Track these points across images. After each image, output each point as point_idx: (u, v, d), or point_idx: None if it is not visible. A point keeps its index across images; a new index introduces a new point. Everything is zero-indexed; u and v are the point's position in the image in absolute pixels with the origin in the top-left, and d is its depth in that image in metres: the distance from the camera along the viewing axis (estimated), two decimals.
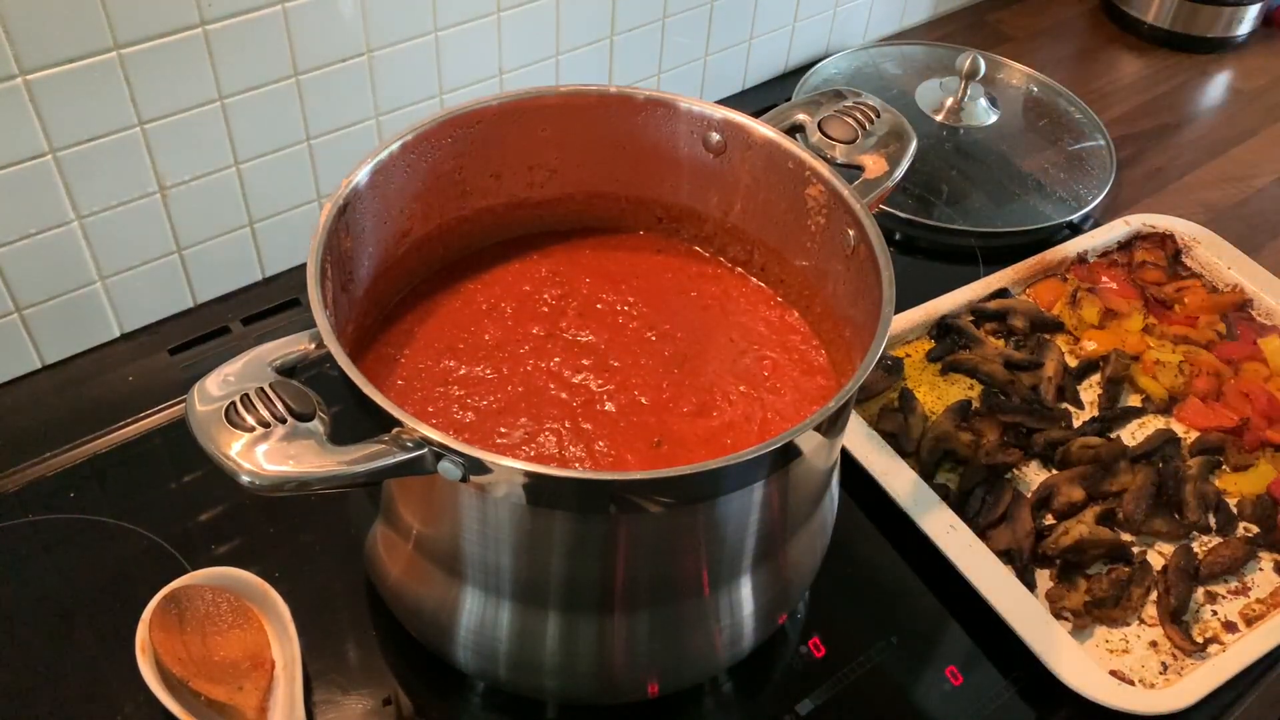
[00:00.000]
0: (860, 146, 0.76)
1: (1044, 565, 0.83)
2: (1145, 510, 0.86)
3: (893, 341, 0.98)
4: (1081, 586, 0.81)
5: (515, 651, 0.65)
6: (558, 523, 0.58)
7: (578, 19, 1.05)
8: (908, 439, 0.90)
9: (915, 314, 1.00)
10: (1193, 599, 0.82)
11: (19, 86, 0.77)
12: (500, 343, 0.75)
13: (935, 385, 0.96)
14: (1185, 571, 0.82)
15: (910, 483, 0.85)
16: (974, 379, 0.96)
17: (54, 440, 0.86)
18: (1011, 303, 1.02)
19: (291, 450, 0.54)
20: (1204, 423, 0.94)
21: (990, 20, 1.46)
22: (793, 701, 0.75)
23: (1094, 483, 0.87)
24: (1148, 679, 0.77)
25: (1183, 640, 0.79)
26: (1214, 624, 0.81)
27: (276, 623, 0.73)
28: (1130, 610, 0.80)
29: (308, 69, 0.90)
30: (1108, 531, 0.84)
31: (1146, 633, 0.80)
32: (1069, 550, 0.82)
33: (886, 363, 0.96)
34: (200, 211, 0.92)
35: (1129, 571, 0.82)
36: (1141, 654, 0.79)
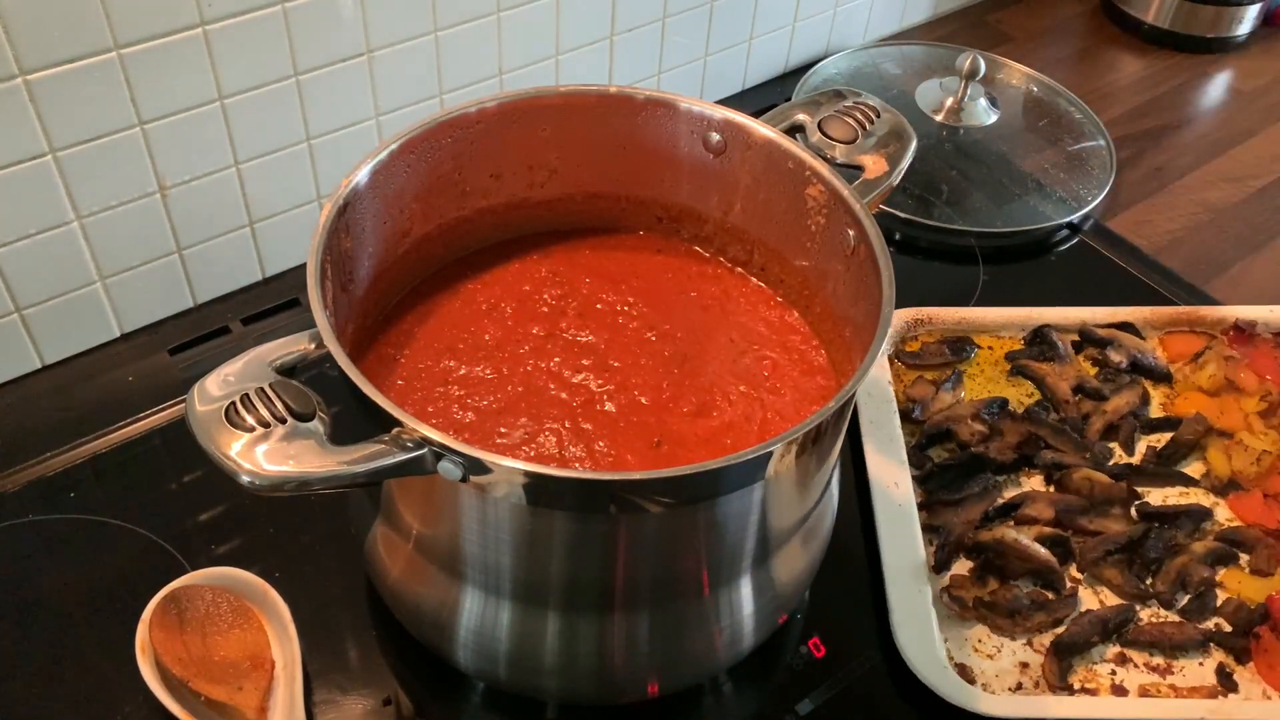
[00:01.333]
0: (860, 146, 0.76)
1: (970, 557, 0.82)
2: (1103, 556, 0.82)
3: (981, 329, 0.99)
4: (989, 586, 0.80)
5: (515, 651, 0.65)
6: (558, 523, 0.58)
7: (578, 19, 1.05)
8: (925, 409, 0.90)
9: (1015, 314, 0.99)
10: (1097, 649, 0.78)
11: (19, 86, 0.77)
12: (500, 343, 0.75)
13: (994, 382, 0.96)
14: (1103, 624, 0.78)
15: (885, 430, 0.87)
16: (1037, 389, 0.95)
17: (54, 440, 0.86)
18: (1121, 337, 0.98)
19: (291, 450, 0.54)
20: (1253, 517, 0.87)
21: (990, 20, 1.46)
22: (793, 701, 0.75)
23: (1073, 514, 0.85)
24: (992, 686, 0.75)
25: (1054, 674, 0.76)
26: (1103, 679, 0.77)
27: (276, 623, 0.73)
28: (1021, 628, 0.78)
29: (308, 69, 0.90)
30: (1040, 551, 0.81)
31: (1026, 653, 0.78)
32: (988, 548, 0.81)
33: (959, 344, 0.97)
34: (200, 211, 0.92)
35: (1050, 599, 0.80)
36: (1006, 665, 0.77)
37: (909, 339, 0.98)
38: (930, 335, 0.98)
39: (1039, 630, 0.78)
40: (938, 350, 0.97)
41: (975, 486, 0.86)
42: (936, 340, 0.98)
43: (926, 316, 0.98)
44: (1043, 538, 0.82)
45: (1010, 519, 0.85)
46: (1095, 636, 0.78)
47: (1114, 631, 0.79)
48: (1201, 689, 0.76)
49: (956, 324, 0.99)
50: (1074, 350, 0.97)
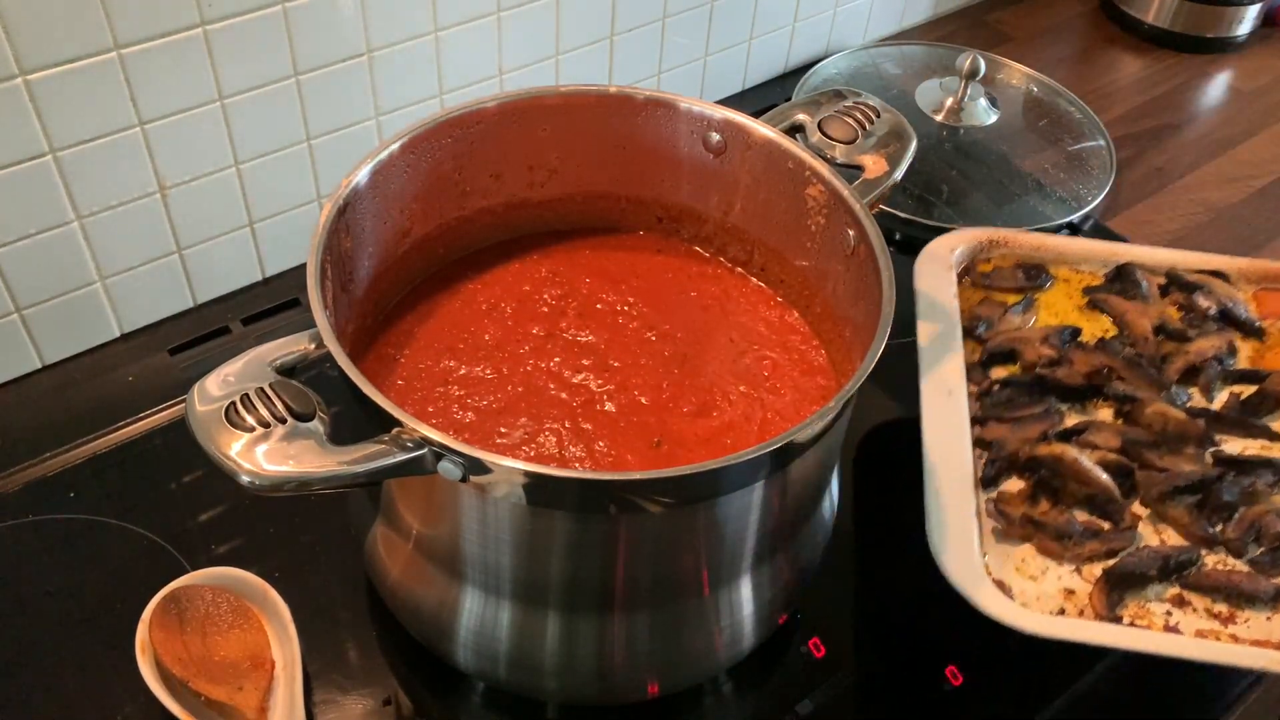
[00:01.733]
0: (860, 146, 0.76)
1: (1023, 475, 0.78)
2: (1170, 493, 0.76)
3: (1060, 260, 0.95)
4: (1041, 506, 0.75)
5: (515, 652, 0.65)
6: (558, 523, 0.58)
7: (578, 19, 1.05)
8: (990, 327, 0.86)
9: (1099, 247, 0.96)
10: (1153, 587, 0.73)
11: (19, 86, 0.77)
12: (500, 343, 0.75)
13: (1068, 314, 0.91)
14: (1165, 561, 0.73)
15: (945, 341, 0.83)
16: (1114, 325, 0.89)
17: (54, 440, 0.86)
18: (1213, 283, 0.92)
19: (291, 450, 0.54)
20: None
21: (990, 20, 1.46)
22: (793, 702, 0.75)
23: (1141, 447, 0.78)
24: (1031, 607, 0.72)
25: (1102, 604, 0.71)
26: (1156, 618, 0.72)
27: (276, 623, 0.73)
28: (1071, 553, 0.73)
29: (308, 69, 0.90)
30: (1102, 476, 0.75)
31: (1073, 580, 0.73)
32: (1043, 465, 0.76)
33: (1035, 271, 0.93)
34: (200, 211, 0.92)
35: (1105, 529, 0.74)
36: (1049, 589, 0.72)
37: (981, 259, 0.94)
38: (1005, 259, 0.94)
39: (1090, 559, 0.73)
40: (1011, 274, 0.92)
41: (1036, 408, 0.80)
42: (1011, 265, 0.94)
43: (1002, 239, 0.94)
44: (1106, 464, 0.77)
45: (1072, 443, 0.80)
46: (1153, 571, 0.72)
47: (1174, 571, 0.73)
48: (1268, 643, 0.71)
49: (1034, 250, 0.94)
50: (1159, 294, 0.92)
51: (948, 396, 0.79)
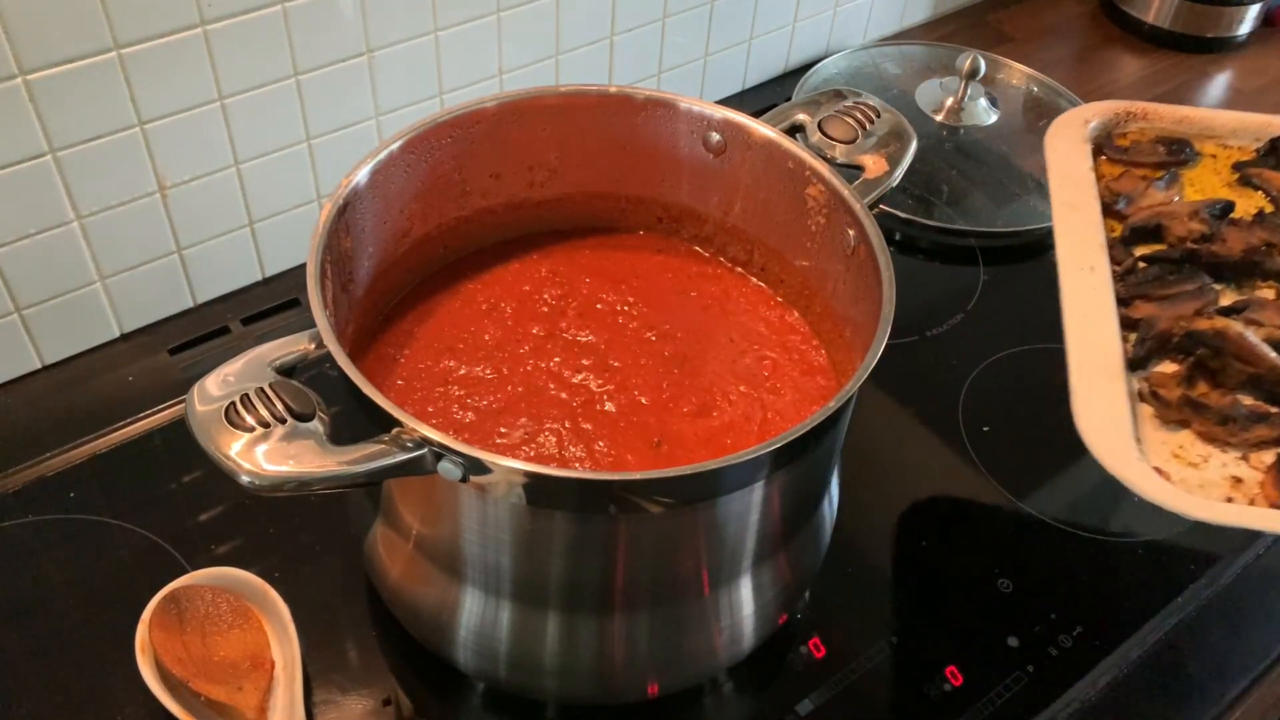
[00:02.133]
0: (860, 146, 0.76)
1: (1178, 356, 0.71)
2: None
3: (1206, 134, 0.88)
4: (1200, 389, 0.68)
5: (515, 652, 0.65)
6: (558, 523, 0.58)
7: (578, 19, 1.05)
8: (1132, 203, 0.79)
9: (1250, 119, 0.88)
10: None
11: (18, 86, 0.77)
12: (500, 343, 0.75)
13: (1216, 192, 0.83)
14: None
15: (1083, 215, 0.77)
16: (1270, 202, 0.81)
17: (54, 440, 0.86)
18: None
19: (291, 450, 0.54)
20: None
21: (990, 20, 1.46)
22: (793, 702, 0.75)
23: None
24: (1196, 495, 0.65)
25: (1277, 492, 0.64)
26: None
27: (276, 623, 0.73)
28: (1237, 440, 0.67)
29: (308, 69, 0.90)
30: (1270, 353, 0.68)
31: (1239, 468, 0.66)
32: (1203, 341, 0.68)
33: (1178, 145, 0.86)
34: (200, 211, 0.92)
35: (1274, 413, 0.67)
36: (1213, 477, 0.66)
37: (1118, 134, 0.88)
38: (1144, 133, 0.88)
39: (1259, 445, 0.67)
40: (1152, 149, 0.86)
41: (1189, 285, 0.73)
42: (1151, 139, 0.87)
43: (1140, 111, 0.88)
44: (1273, 342, 0.69)
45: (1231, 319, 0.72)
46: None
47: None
48: None
49: (1177, 124, 0.88)
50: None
51: (1090, 273, 0.74)
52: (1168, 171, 0.84)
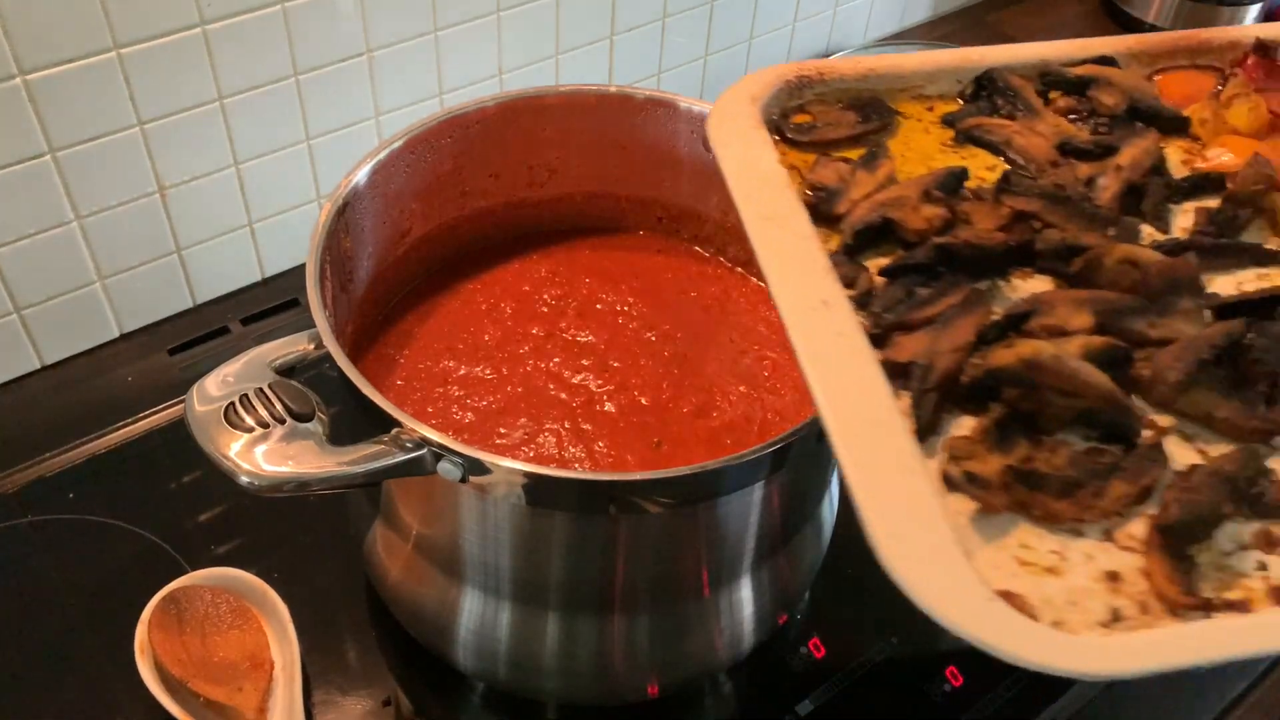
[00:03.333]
0: None
1: (973, 405, 0.50)
2: (1190, 374, 0.50)
3: (898, 86, 0.69)
4: (1019, 451, 0.49)
5: (515, 652, 0.65)
6: (557, 523, 0.58)
7: (578, 19, 1.05)
8: (840, 198, 0.60)
9: (945, 57, 0.70)
10: (1232, 532, 0.47)
11: (18, 86, 0.77)
12: (500, 343, 0.75)
13: (934, 159, 0.65)
14: (1228, 483, 0.48)
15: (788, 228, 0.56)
16: (1001, 158, 0.64)
17: (53, 441, 0.86)
18: (1109, 73, 0.68)
19: (290, 451, 0.54)
20: None
21: (990, 20, 1.46)
22: (793, 702, 0.75)
23: (1121, 317, 0.53)
24: (1070, 622, 0.44)
25: (1176, 583, 0.45)
26: (1255, 583, 0.46)
27: (276, 623, 0.73)
28: (1090, 509, 0.48)
29: (307, 69, 0.90)
30: (1096, 375, 0.49)
31: (1108, 556, 0.47)
32: (1005, 379, 0.49)
33: (870, 108, 0.67)
34: (200, 211, 0.92)
35: (1118, 458, 0.49)
36: (1082, 582, 0.46)
37: (793, 109, 0.66)
38: (826, 100, 0.67)
39: (1121, 511, 0.48)
40: (840, 119, 0.65)
41: (953, 296, 0.54)
42: (837, 107, 0.67)
43: (815, 71, 0.67)
44: (1093, 355, 0.51)
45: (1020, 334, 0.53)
46: (1227, 504, 0.47)
47: (1255, 499, 0.48)
48: None
49: (861, 79, 0.68)
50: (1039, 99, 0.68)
51: (825, 311, 0.52)
52: (869, 147, 0.64)
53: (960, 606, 0.44)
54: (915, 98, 0.69)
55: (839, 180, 0.61)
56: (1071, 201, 0.59)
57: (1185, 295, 0.54)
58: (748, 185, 0.58)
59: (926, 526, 0.45)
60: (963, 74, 0.69)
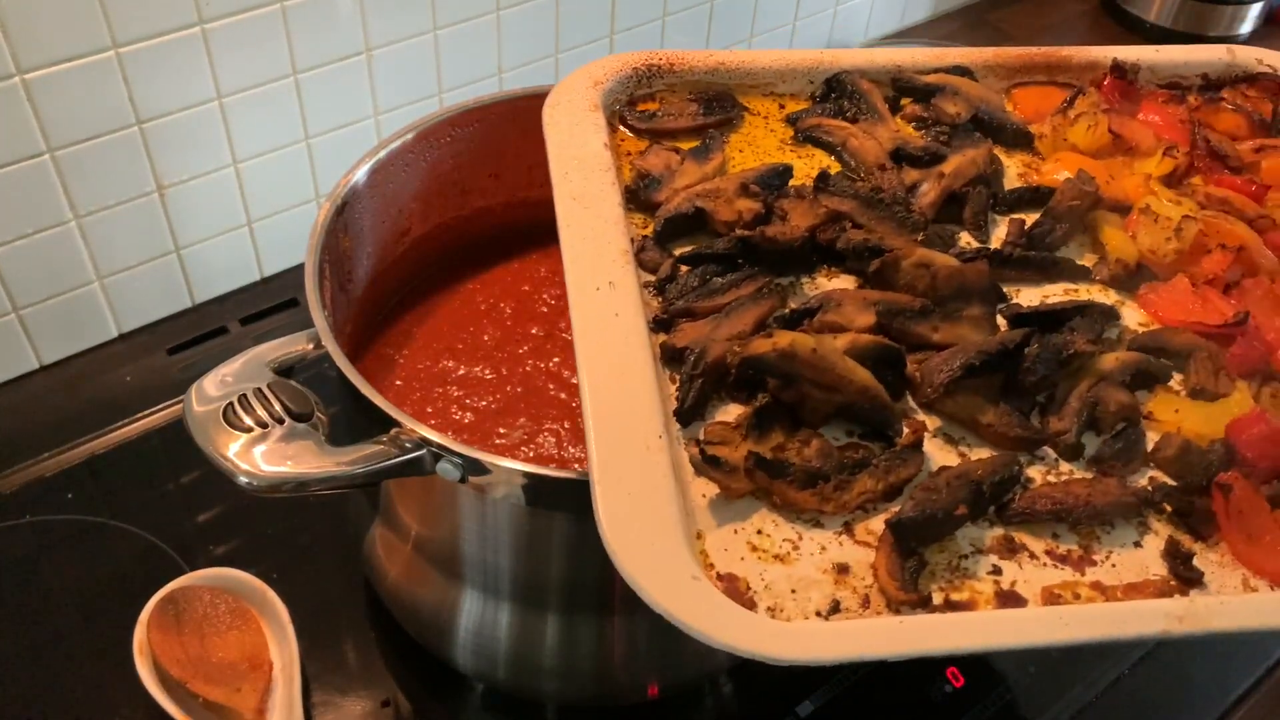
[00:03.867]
0: None
1: (740, 394, 0.52)
2: (960, 378, 0.51)
3: (749, 82, 0.70)
4: (773, 438, 0.50)
5: (514, 653, 0.65)
6: (557, 523, 0.58)
7: (577, 18, 1.04)
8: (663, 187, 0.61)
9: (797, 57, 0.70)
10: (967, 535, 0.49)
11: (16, 85, 0.77)
12: (499, 343, 0.75)
13: (772, 156, 0.66)
14: (972, 487, 0.48)
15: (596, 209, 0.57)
16: (838, 158, 0.66)
17: (52, 441, 0.86)
18: (957, 82, 0.69)
19: (289, 451, 0.54)
20: (1180, 315, 0.58)
21: (991, 19, 1.46)
22: (793, 703, 0.74)
23: (906, 318, 0.54)
24: (786, 609, 0.45)
25: (895, 579, 0.46)
26: (981, 585, 0.47)
27: (275, 624, 0.72)
28: (830, 502, 0.48)
29: (306, 68, 0.90)
30: (857, 370, 0.50)
31: (842, 548, 0.47)
32: (768, 368, 0.49)
33: (716, 102, 0.68)
34: (198, 211, 0.91)
35: (876, 454, 0.50)
36: (809, 572, 0.47)
37: (641, 95, 0.68)
38: (674, 90, 0.68)
39: (865, 506, 0.49)
40: (683, 109, 0.67)
41: (745, 288, 0.55)
42: (683, 98, 0.68)
43: (665, 61, 0.69)
44: (859, 352, 0.51)
45: (804, 328, 0.54)
46: (961, 507, 0.48)
47: (991, 499, 0.49)
48: (1146, 585, 0.48)
49: (712, 71, 0.69)
50: (889, 110, 0.69)
51: (609, 291, 0.53)
52: (706, 138, 0.65)
53: (661, 584, 0.43)
54: (767, 95, 0.70)
55: (665, 169, 0.62)
56: (885, 204, 0.60)
57: (976, 301, 0.55)
58: (565, 165, 0.60)
59: (651, 507, 0.45)
60: (815, 75, 0.70)
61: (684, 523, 0.46)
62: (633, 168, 0.63)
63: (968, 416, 0.52)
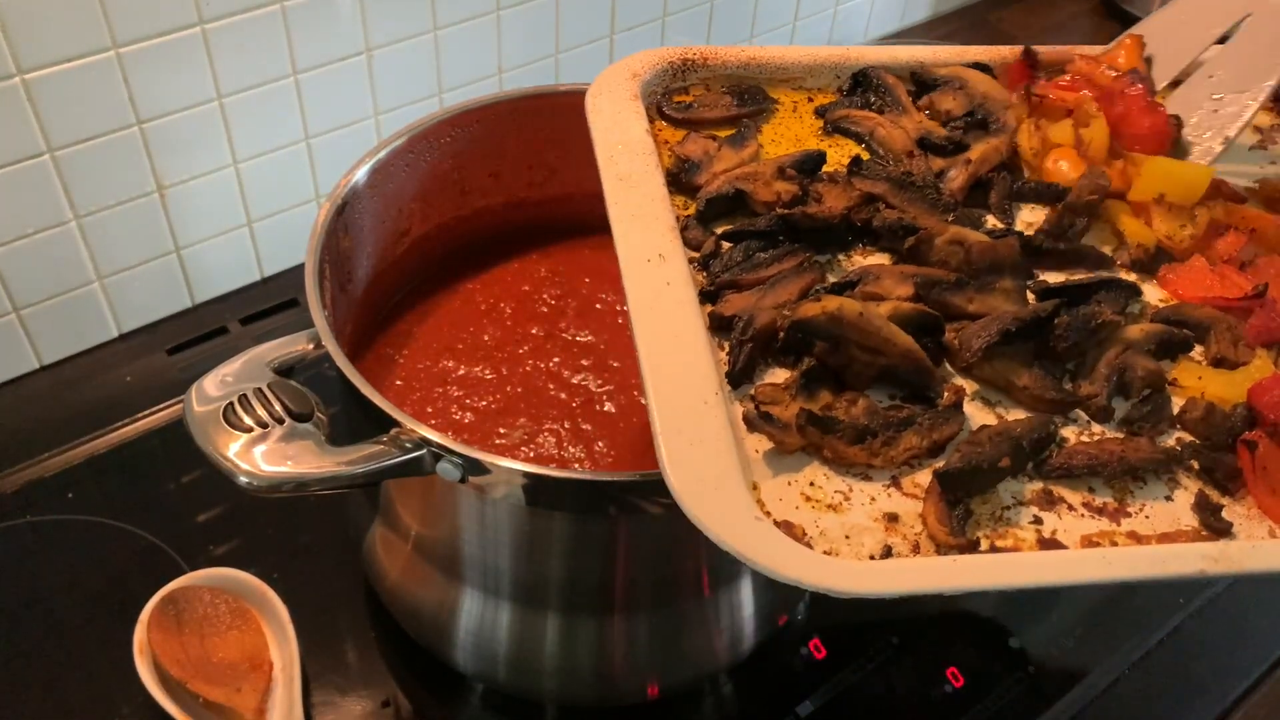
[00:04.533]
0: None
1: (787, 358, 0.55)
2: (997, 342, 0.55)
3: (779, 77, 0.73)
4: (821, 399, 0.52)
5: (514, 653, 0.65)
6: (557, 524, 0.58)
7: (577, 17, 1.04)
8: (703, 170, 0.64)
9: (827, 54, 0.74)
10: (1008, 488, 0.52)
11: (17, 85, 0.77)
12: (499, 343, 0.75)
13: (804, 145, 0.70)
14: (1013, 442, 0.52)
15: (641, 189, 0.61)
16: (865, 149, 0.69)
17: (52, 441, 0.86)
18: (967, 76, 0.72)
19: (290, 451, 0.54)
20: (1199, 291, 0.62)
21: (991, 19, 1.46)
22: (793, 703, 0.74)
23: (943, 290, 0.58)
24: (842, 553, 0.48)
25: (944, 525, 0.49)
26: (1024, 533, 0.50)
27: (275, 624, 0.72)
28: (882, 459, 0.51)
29: (306, 68, 0.90)
30: (900, 334, 0.53)
31: (891, 499, 0.51)
32: (816, 332, 0.52)
33: (750, 95, 0.71)
34: (198, 211, 0.91)
35: (919, 413, 0.53)
36: (861, 520, 0.50)
37: (677, 89, 0.71)
38: (709, 84, 0.72)
39: (910, 463, 0.52)
40: (718, 101, 0.70)
41: (788, 262, 0.59)
42: (718, 91, 0.71)
43: (700, 56, 0.72)
44: (901, 319, 0.54)
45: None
46: (1004, 460, 0.51)
47: (1031, 455, 0.52)
48: (1179, 535, 0.51)
49: (744, 66, 0.73)
50: (912, 103, 0.72)
51: (660, 263, 0.56)
52: (741, 127, 0.69)
53: (727, 524, 0.46)
54: (796, 89, 0.73)
55: (704, 154, 0.65)
56: (916, 187, 0.63)
57: (1007, 275, 0.59)
58: (610, 149, 0.63)
59: (711, 456, 0.48)
60: (842, 70, 0.74)
61: (744, 470, 0.49)
62: (672, 154, 0.66)
63: (1004, 380, 0.55)
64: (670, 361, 0.52)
